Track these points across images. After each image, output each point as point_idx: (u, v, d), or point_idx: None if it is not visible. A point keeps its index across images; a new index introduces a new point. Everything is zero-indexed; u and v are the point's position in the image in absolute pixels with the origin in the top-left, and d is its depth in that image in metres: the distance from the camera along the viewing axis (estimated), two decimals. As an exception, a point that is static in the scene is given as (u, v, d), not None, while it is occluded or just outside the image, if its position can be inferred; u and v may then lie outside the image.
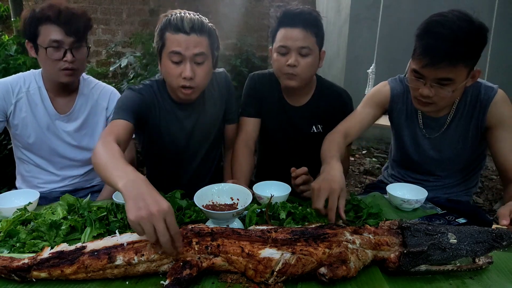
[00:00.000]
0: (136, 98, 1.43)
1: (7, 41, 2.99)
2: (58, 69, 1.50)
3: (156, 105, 1.49)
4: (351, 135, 1.56)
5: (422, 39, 1.27)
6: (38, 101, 1.59)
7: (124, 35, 5.16)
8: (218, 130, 1.68)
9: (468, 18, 1.23)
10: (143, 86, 1.48)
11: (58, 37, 1.46)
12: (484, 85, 1.44)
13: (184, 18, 1.32)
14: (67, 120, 1.64)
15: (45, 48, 1.47)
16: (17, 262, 0.89)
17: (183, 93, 1.40)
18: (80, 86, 1.67)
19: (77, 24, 1.48)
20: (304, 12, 1.50)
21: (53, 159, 1.66)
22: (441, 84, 1.29)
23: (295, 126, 1.72)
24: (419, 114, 1.55)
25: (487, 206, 3.10)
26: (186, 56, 1.33)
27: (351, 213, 1.27)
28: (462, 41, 1.21)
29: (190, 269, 0.87)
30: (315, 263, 0.90)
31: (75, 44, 1.50)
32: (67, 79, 1.53)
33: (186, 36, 1.32)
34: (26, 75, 1.62)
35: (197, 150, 1.63)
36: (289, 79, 1.56)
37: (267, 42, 5.22)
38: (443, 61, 1.23)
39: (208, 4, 4.92)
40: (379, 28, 3.35)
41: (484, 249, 0.95)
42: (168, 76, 1.39)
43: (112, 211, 1.22)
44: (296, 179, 1.36)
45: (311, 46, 1.51)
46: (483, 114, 1.42)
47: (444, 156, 1.55)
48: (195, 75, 1.36)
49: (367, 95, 1.68)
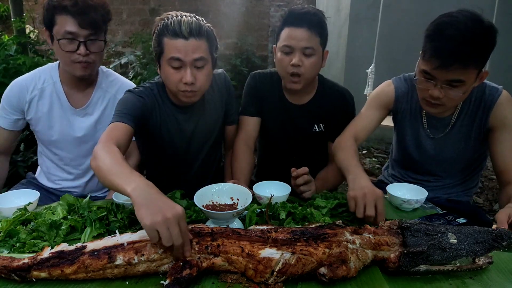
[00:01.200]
0: (136, 101, 1.41)
1: (7, 41, 2.99)
2: (72, 61, 1.46)
3: (157, 108, 1.48)
4: (360, 139, 1.57)
5: (432, 41, 1.26)
6: (53, 97, 1.58)
7: (124, 35, 5.15)
8: (218, 131, 1.67)
9: (478, 18, 1.22)
10: (143, 89, 1.47)
11: (73, 28, 1.41)
12: (488, 86, 1.43)
13: (182, 22, 1.29)
14: (83, 114, 1.61)
15: (58, 40, 1.43)
16: (17, 262, 0.89)
17: (185, 96, 1.39)
18: (99, 79, 1.64)
19: (93, 16, 1.43)
20: (309, 13, 1.51)
21: (67, 155, 1.65)
22: (452, 85, 1.28)
23: (296, 125, 1.72)
24: (423, 114, 1.54)
25: (487, 206, 3.10)
26: (186, 61, 1.32)
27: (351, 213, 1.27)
28: (473, 42, 1.20)
29: (190, 269, 0.87)
30: (315, 263, 0.90)
31: (90, 37, 1.45)
32: (82, 72, 1.49)
33: (185, 41, 1.30)
34: (42, 70, 1.61)
35: (198, 152, 1.63)
36: (293, 83, 1.56)
37: (267, 41, 5.22)
38: (455, 63, 1.22)
39: (208, 4, 4.92)
40: (379, 28, 3.34)
41: (484, 249, 0.95)
42: (169, 82, 1.38)
43: (112, 211, 1.22)
44: (296, 179, 1.36)
45: (315, 47, 1.51)
46: (486, 115, 1.42)
47: (446, 156, 1.54)
48: (196, 80, 1.35)
49: (371, 96, 1.67)
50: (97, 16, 1.44)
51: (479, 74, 1.30)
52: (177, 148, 1.56)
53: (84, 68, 1.49)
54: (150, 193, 0.92)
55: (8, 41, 2.99)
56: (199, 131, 1.57)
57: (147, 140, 1.56)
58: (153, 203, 0.89)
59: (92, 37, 1.46)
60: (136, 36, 4.10)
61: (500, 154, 1.39)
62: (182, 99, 1.41)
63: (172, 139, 1.54)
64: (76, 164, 1.67)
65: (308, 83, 1.61)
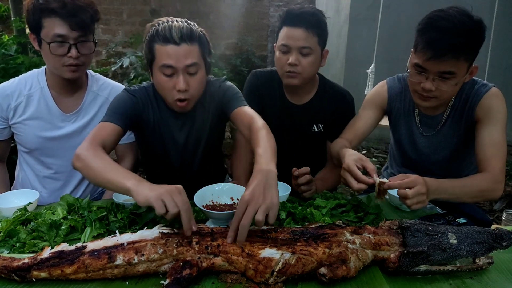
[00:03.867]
0: (128, 100, 1.39)
1: (7, 41, 2.99)
2: (61, 64, 1.42)
3: (150, 108, 1.45)
4: (357, 140, 1.58)
5: (424, 33, 1.29)
6: (40, 103, 1.53)
7: (124, 35, 5.15)
8: (216, 133, 1.63)
9: (468, 14, 1.27)
10: (138, 88, 1.44)
11: (63, 31, 1.37)
12: (479, 83, 1.46)
13: (172, 27, 1.26)
14: (74, 119, 1.57)
15: (49, 43, 1.39)
16: (17, 262, 0.89)
17: (178, 106, 1.36)
18: (89, 82, 1.60)
19: (83, 17, 1.39)
20: (307, 13, 1.51)
21: (55, 161, 1.60)
22: (443, 77, 1.31)
23: (295, 125, 1.72)
24: (416, 112, 1.56)
25: (487, 206, 3.10)
26: (178, 68, 1.28)
27: (351, 213, 1.27)
28: (464, 34, 1.24)
29: (190, 269, 0.87)
30: (315, 263, 0.90)
31: (80, 39, 1.41)
32: (71, 75, 1.46)
33: (176, 46, 1.26)
34: (28, 76, 1.55)
35: (194, 154, 1.58)
36: (290, 78, 1.57)
37: (267, 41, 5.22)
38: (447, 53, 1.25)
39: (209, 5, 4.92)
40: (379, 28, 3.35)
41: (484, 249, 0.95)
42: (162, 90, 1.36)
43: (112, 211, 1.22)
44: (298, 179, 1.36)
45: (312, 46, 1.52)
46: (472, 108, 1.43)
47: (440, 153, 1.55)
48: (189, 86, 1.32)
49: (366, 98, 1.69)
50: (86, 17, 1.41)
51: (469, 69, 1.33)
52: (173, 148, 1.53)
53: (73, 72, 1.45)
54: (149, 184, 1.00)
55: (8, 41, 2.98)
56: (194, 133, 1.53)
57: (143, 138, 1.55)
58: (154, 186, 0.98)
59: (82, 39, 1.42)
60: (136, 37, 4.10)
61: (481, 143, 1.39)
62: (176, 109, 1.39)
63: (166, 140, 1.51)
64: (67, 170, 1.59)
65: (307, 81, 1.62)
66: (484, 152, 1.37)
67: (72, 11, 1.37)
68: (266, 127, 1.26)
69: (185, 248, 0.91)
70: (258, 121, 1.29)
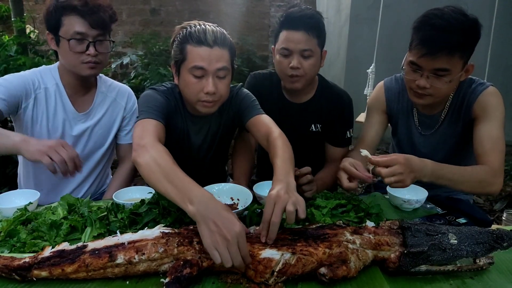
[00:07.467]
0: (162, 100, 1.38)
1: (8, 41, 2.99)
2: (80, 62, 1.44)
3: (178, 112, 1.45)
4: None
5: (419, 31, 1.31)
6: (57, 99, 1.52)
7: (124, 35, 5.15)
8: (227, 140, 1.64)
9: (464, 12, 1.29)
10: (166, 89, 1.44)
11: (82, 29, 1.40)
12: (477, 82, 1.46)
13: (207, 31, 1.28)
14: (85, 119, 1.58)
15: (68, 40, 1.41)
16: (18, 261, 0.89)
17: (204, 106, 1.35)
18: (98, 83, 1.62)
19: (102, 16, 1.42)
20: (306, 15, 1.51)
21: None
22: (437, 74, 1.32)
23: (294, 124, 1.72)
24: (414, 112, 1.57)
25: (487, 206, 3.10)
26: (209, 71, 1.29)
27: (351, 213, 1.27)
28: (459, 31, 1.25)
29: (191, 268, 0.87)
30: (315, 263, 0.90)
31: (99, 37, 1.44)
32: (89, 72, 1.47)
33: (209, 49, 1.27)
34: (42, 70, 1.55)
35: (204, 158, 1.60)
36: (293, 82, 1.57)
37: (267, 41, 5.22)
38: (441, 50, 1.26)
39: (209, 4, 4.92)
40: (379, 28, 3.34)
41: (484, 250, 0.95)
42: (188, 91, 1.34)
43: (112, 211, 1.22)
44: (300, 179, 1.36)
45: (313, 48, 1.52)
46: (470, 107, 1.43)
47: (439, 153, 1.55)
48: (217, 89, 1.32)
49: (367, 105, 1.70)
50: (105, 16, 1.44)
51: (464, 66, 1.34)
52: (185, 154, 1.53)
53: (91, 69, 1.47)
54: (209, 208, 0.92)
55: (8, 41, 2.99)
56: (209, 140, 1.55)
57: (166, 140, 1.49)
58: (213, 221, 0.89)
59: (101, 38, 1.45)
60: (136, 36, 4.11)
61: (479, 139, 1.39)
62: (200, 109, 1.37)
63: (182, 145, 1.51)
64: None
65: (309, 83, 1.63)
66: (482, 147, 1.37)
67: (93, 9, 1.40)
68: (283, 136, 1.28)
69: (186, 248, 0.91)
70: (275, 131, 1.31)
